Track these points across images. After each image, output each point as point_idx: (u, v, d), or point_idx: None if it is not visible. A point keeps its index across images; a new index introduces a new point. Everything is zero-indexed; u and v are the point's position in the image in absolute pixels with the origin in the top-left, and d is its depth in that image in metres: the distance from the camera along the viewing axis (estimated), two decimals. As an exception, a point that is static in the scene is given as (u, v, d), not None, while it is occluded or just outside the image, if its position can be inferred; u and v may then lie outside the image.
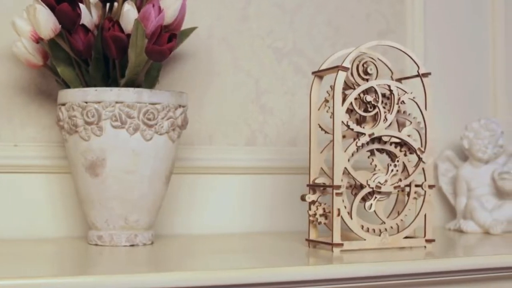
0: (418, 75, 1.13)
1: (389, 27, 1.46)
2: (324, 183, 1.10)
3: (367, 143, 1.10)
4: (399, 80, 1.15)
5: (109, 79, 1.11)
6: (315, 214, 1.11)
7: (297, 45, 1.38)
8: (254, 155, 1.34)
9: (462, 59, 1.53)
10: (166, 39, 1.02)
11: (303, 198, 1.11)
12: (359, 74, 1.11)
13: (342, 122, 1.06)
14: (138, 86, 1.10)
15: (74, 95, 1.09)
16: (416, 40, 1.48)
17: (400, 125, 1.15)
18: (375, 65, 1.11)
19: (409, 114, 1.14)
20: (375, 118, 1.10)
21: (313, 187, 1.12)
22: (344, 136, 1.13)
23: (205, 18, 1.32)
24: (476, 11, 1.55)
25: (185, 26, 1.21)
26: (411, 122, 1.13)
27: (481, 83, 1.55)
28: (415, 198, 1.13)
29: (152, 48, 1.02)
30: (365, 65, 1.11)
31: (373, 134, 1.08)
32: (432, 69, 1.49)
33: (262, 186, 1.34)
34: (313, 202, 1.11)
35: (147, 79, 1.14)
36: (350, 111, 1.10)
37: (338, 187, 1.06)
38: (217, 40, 1.33)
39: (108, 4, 1.13)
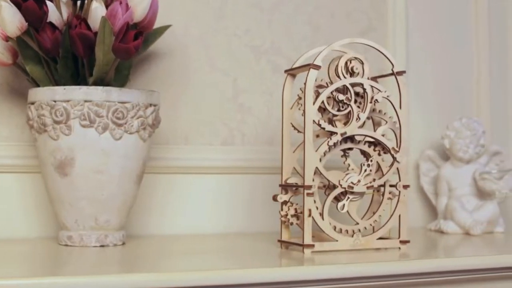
0: (392, 74, 1.11)
1: (370, 25, 1.44)
2: (296, 183, 1.09)
3: (340, 143, 1.08)
4: (374, 78, 1.14)
5: (79, 78, 1.10)
6: (286, 215, 1.09)
7: (275, 44, 1.36)
8: (231, 155, 1.32)
9: (445, 57, 1.51)
10: (132, 37, 1.01)
11: (274, 198, 1.10)
12: (344, 74, 1.09)
13: (314, 121, 1.05)
14: (108, 84, 1.09)
15: (43, 94, 1.08)
16: (397, 39, 1.46)
17: (376, 124, 1.13)
18: (359, 65, 1.09)
19: (384, 114, 1.12)
20: (348, 117, 1.08)
21: (285, 187, 1.10)
22: (317, 136, 1.11)
23: (180, 16, 1.30)
24: (459, 9, 1.53)
25: (160, 24, 1.20)
26: (386, 122, 1.12)
27: (464, 82, 1.53)
28: (389, 198, 1.11)
29: (118, 46, 1.01)
30: (352, 64, 1.09)
31: (345, 133, 1.07)
32: (414, 67, 1.48)
33: (239, 186, 1.32)
34: (285, 203, 1.09)
35: (118, 77, 1.12)
36: (323, 110, 1.08)
37: (309, 187, 1.04)
38: (193, 39, 1.31)
39: (79, 2, 1.12)
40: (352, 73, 1.08)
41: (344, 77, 1.07)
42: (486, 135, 1.46)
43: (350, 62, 1.08)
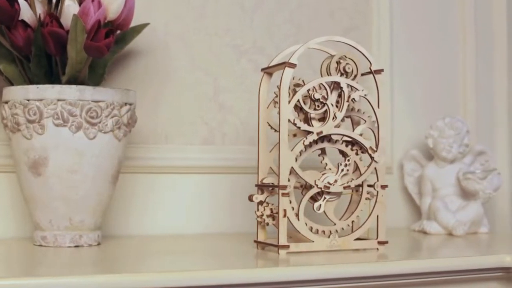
0: (370, 72, 1.09)
1: (353, 24, 1.43)
2: (272, 183, 1.07)
3: (316, 142, 1.06)
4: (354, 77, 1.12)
5: (53, 76, 1.09)
6: (262, 215, 1.08)
7: (257, 43, 1.35)
8: (211, 154, 1.31)
9: (430, 56, 1.49)
10: (103, 35, 1.00)
11: (250, 198, 1.08)
12: (337, 73, 1.07)
13: (289, 120, 1.03)
14: (82, 83, 1.08)
15: (16, 93, 1.06)
16: (382, 37, 1.44)
17: (355, 124, 1.12)
18: (352, 64, 1.08)
19: (363, 113, 1.10)
20: (325, 116, 1.07)
21: (261, 187, 1.09)
22: (295, 135, 1.10)
23: (161, 15, 1.29)
24: (445, 7, 1.51)
25: (140, 22, 1.20)
26: (365, 121, 1.10)
27: (450, 81, 1.51)
28: (367, 198, 1.09)
29: (90, 44, 1.00)
30: (345, 63, 1.07)
31: (321, 132, 1.05)
32: (399, 66, 1.47)
33: (220, 186, 1.31)
34: (260, 203, 1.08)
35: (93, 76, 1.11)
36: (299, 109, 1.07)
37: (284, 187, 1.03)
38: (174, 38, 1.30)
39: (54, 0, 1.10)
40: (345, 73, 1.07)
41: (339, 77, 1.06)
42: (471, 134, 1.44)
43: (340, 62, 1.07)
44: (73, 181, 1.07)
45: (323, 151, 1.10)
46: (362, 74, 1.12)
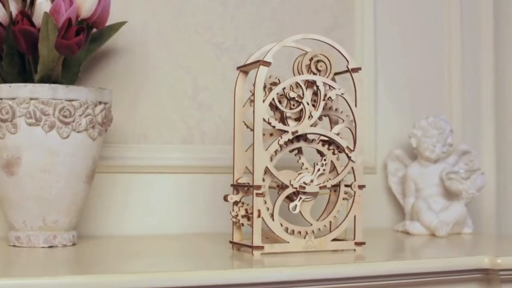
0: (347, 71, 1.08)
1: (337, 22, 1.41)
2: (247, 183, 1.06)
3: (292, 141, 1.05)
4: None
5: (26, 75, 1.08)
6: (237, 215, 1.06)
7: (238, 40, 1.34)
8: (190, 154, 1.30)
9: (415, 55, 1.48)
10: (74, 32, 0.98)
11: (225, 198, 1.07)
12: (308, 71, 1.06)
13: (264, 119, 1.02)
14: (55, 82, 1.06)
15: (-11, 91, 1.06)
16: (365, 35, 1.43)
17: (333, 123, 1.10)
18: (325, 62, 1.06)
19: (341, 112, 1.09)
20: (301, 115, 1.05)
21: (237, 187, 1.07)
22: (271, 134, 1.08)
23: (140, 12, 1.28)
24: (430, 5, 1.50)
25: (118, 20, 1.18)
26: (343, 120, 1.09)
27: (436, 80, 1.49)
28: (345, 199, 1.08)
29: (60, 42, 0.98)
30: (317, 62, 1.06)
31: (296, 131, 1.04)
32: (383, 65, 1.45)
33: (199, 185, 1.30)
34: (235, 203, 1.07)
35: (67, 75, 1.10)
36: (275, 108, 1.05)
37: (259, 187, 1.01)
38: (153, 36, 1.29)
39: (28, -2, 1.10)
40: (317, 71, 1.05)
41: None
42: (457, 134, 1.43)
43: (313, 60, 1.05)
44: (46, 180, 1.05)
45: (299, 151, 1.08)
46: (340, 73, 1.11)
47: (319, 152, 1.08)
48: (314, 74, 1.05)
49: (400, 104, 1.46)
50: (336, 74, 1.11)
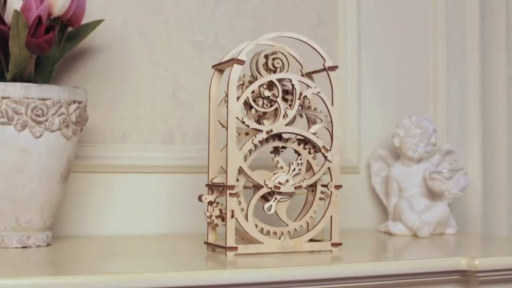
0: (324, 69, 1.06)
1: (320, 20, 1.40)
2: (222, 183, 1.04)
3: (267, 141, 1.04)
4: (309, 74, 1.09)
5: (-1, 73, 1.07)
6: (211, 216, 1.05)
7: (219, 39, 1.32)
8: (171, 154, 1.28)
9: (400, 53, 1.46)
10: (44, 31, 0.97)
11: (200, 198, 1.06)
12: (265, 69, 1.05)
13: (237, 118, 1.01)
14: (28, 80, 1.05)
15: (-39, 90, 1.04)
16: (349, 34, 1.41)
17: (311, 123, 1.09)
18: (282, 59, 1.05)
19: (320, 112, 1.07)
20: (276, 114, 1.04)
21: (211, 187, 1.06)
22: (247, 134, 1.07)
23: (119, 10, 1.26)
24: (415, 3, 1.48)
25: (97, 18, 1.17)
26: (322, 120, 1.07)
27: (420, 79, 1.48)
28: (321, 199, 1.06)
29: (30, 41, 0.97)
30: (273, 59, 1.05)
31: (271, 131, 1.02)
32: (367, 63, 1.43)
33: (179, 185, 1.28)
34: (210, 203, 1.05)
35: (41, 73, 1.08)
36: (250, 107, 1.04)
37: (232, 187, 1.00)
38: (133, 34, 1.27)
39: (2, -4, 1.08)
40: (274, 68, 1.04)
41: (265, 74, 1.03)
42: (442, 134, 1.42)
43: (269, 57, 1.04)
44: (19, 180, 1.04)
45: (276, 150, 1.07)
46: (316, 71, 1.09)
47: (297, 151, 1.07)
48: (272, 71, 1.03)
49: (384, 103, 1.44)
50: (312, 72, 1.10)
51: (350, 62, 1.40)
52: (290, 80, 1.03)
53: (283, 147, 1.06)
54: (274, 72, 1.04)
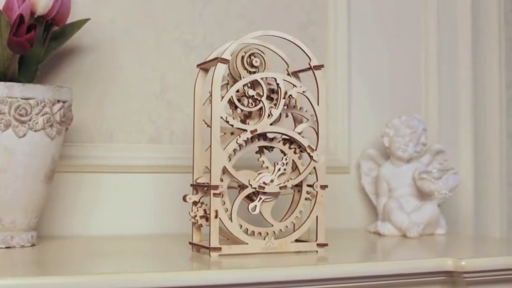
0: (310, 68, 1.05)
1: (309, 19, 1.39)
2: (207, 183, 1.04)
3: (251, 140, 1.03)
4: (295, 73, 1.08)
5: (-17, 73, 1.06)
6: (195, 216, 1.04)
7: (207, 38, 1.32)
8: (158, 153, 1.28)
9: (390, 52, 1.45)
10: (25, 29, 0.96)
11: (184, 198, 1.05)
12: (244, 67, 1.04)
13: (221, 117, 1.00)
14: (12, 80, 1.05)
15: None
16: (339, 33, 1.40)
17: (297, 122, 1.08)
18: (262, 57, 1.04)
19: (306, 111, 1.06)
20: (261, 114, 1.03)
21: (196, 187, 1.05)
22: (232, 133, 1.07)
23: (107, 9, 1.26)
24: (406, 1, 1.47)
25: (85, 17, 1.16)
26: (308, 119, 1.06)
27: (411, 78, 1.47)
28: (307, 199, 1.06)
29: (11, 40, 0.97)
30: (251, 57, 1.04)
31: (255, 130, 1.02)
32: (357, 62, 1.42)
33: (167, 185, 1.28)
34: (194, 203, 1.05)
35: (25, 73, 1.08)
36: (235, 106, 1.03)
37: (216, 187, 0.99)
38: (120, 33, 1.27)
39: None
40: (252, 67, 1.03)
41: (244, 73, 1.02)
42: (433, 133, 1.41)
43: (248, 56, 1.03)
44: (2, 180, 1.03)
45: (261, 150, 1.06)
46: (302, 70, 1.08)
47: (282, 151, 1.06)
48: (251, 70, 1.03)
49: (374, 103, 1.43)
50: (299, 71, 1.09)
51: (340, 62, 1.40)
52: (275, 79, 1.03)
53: (269, 147, 1.06)
54: (254, 71, 1.03)
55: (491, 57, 1.50)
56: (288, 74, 1.07)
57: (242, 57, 1.03)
